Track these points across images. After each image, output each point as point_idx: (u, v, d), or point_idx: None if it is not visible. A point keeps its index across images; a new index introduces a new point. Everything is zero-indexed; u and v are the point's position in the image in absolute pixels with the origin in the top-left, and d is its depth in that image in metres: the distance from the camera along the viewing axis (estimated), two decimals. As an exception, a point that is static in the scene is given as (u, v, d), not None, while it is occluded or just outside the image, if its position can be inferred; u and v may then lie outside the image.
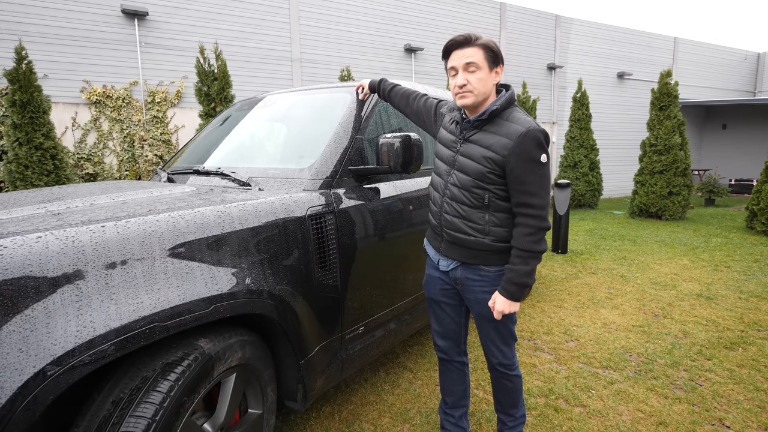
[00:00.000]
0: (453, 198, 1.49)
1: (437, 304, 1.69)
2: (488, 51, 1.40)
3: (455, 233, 1.50)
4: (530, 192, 1.37)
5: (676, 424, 1.99)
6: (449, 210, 1.51)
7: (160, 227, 1.22)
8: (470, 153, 1.46)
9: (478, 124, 1.46)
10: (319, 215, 1.67)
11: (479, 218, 1.45)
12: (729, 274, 4.46)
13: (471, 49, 1.39)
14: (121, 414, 1.05)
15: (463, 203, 1.47)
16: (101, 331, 1.01)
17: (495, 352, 1.62)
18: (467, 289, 1.56)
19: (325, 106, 2.17)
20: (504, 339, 1.60)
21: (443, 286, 1.65)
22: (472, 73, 1.39)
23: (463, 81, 1.40)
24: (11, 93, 4.89)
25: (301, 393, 1.64)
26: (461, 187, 1.47)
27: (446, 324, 1.70)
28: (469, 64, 1.39)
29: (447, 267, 1.59)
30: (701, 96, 14.08)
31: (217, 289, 1.26)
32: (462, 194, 1.47)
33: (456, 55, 1.42)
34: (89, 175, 6.52)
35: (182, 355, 1.19)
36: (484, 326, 1.59)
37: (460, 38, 1.40)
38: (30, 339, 0.94)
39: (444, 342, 1.73)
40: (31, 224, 1.15)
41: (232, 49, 7.49)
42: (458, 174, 1.48)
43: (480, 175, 1.42)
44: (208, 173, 2.00)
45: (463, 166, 1.46)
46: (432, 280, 1.68)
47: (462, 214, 1.48)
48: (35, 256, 1.01)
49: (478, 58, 1.38)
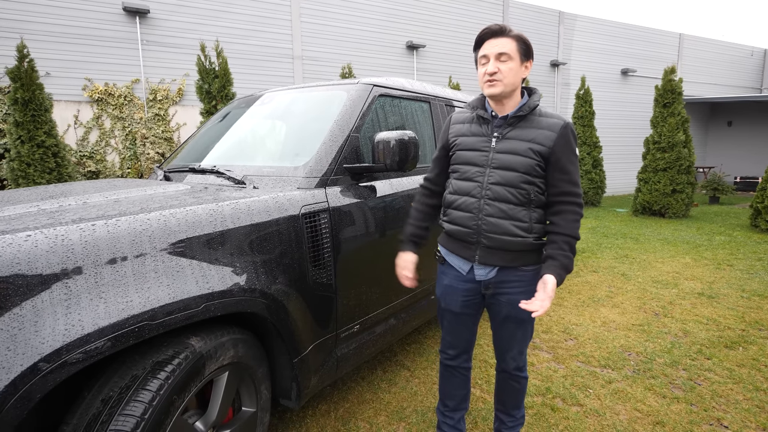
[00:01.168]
0: (496, 198, 1.43)
1: (456, 316, 1.61)
2: (521, 43, 1.40)
3: (499, 236, 1.43)
4: (573, 181, 1.42)
5: (674, 424, 1.97)
6: (492, 212, 1.43)
7: (150, 226, 1.22)
8: (513, 148, 1.42)
9: (514, 120, 1.44)
10: (313, 213, 1.66)
11: (524, 216, 1.42)
12: (732, 272, 4.43)
13: (505, 39, 1.38)
14: (111, 412, 1.05)
15: (508, 201, 1.42)
16: (90, 329, 1.01)
17: (515, 356, 1.59)
18: (501, 292, 1.50)
19: (321, 104, 2.16)
20: (526, 340, 1.58)
21: (467, 297, 1.56)
22: (503, 62, 1.38)
23: (494, 69, 1.38)
24: (13, 91, 4.92)
25: (296, 391, 1.64)
26: (506, 184, 1.42)
27: (461, 333, 1.65)
28: (501, 53, 1.38)
29: (485, 275, 1.50)
30: (707, 93, 13.96)
31: (208, 287, 1.26)
32: (507, 192, 1.42)
33: (489, 44, 1.40)
34: (91, 172, 6.55)
35: (173, 354, 1.19)
36: (510, 329, 1.54)
37: (496, 27, 1.39)
38: (18, 337, 0.94)
39: (455, 350, 1.68)
40: (22, 223, 1.15)
41: (233, 47, 7.49)
42: (500, 172, 1.43)
43: (529, 168, 1.40)
44: (204, 171, 2.00)
45: (506, 163, 1.42)
46: (454, 291, 1.58)
47: (508, 214, 1.42)
48: (24, 255, 1.01)
49: (511, 49, 1.38)
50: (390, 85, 2.28)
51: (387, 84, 2.26)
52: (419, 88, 2.54)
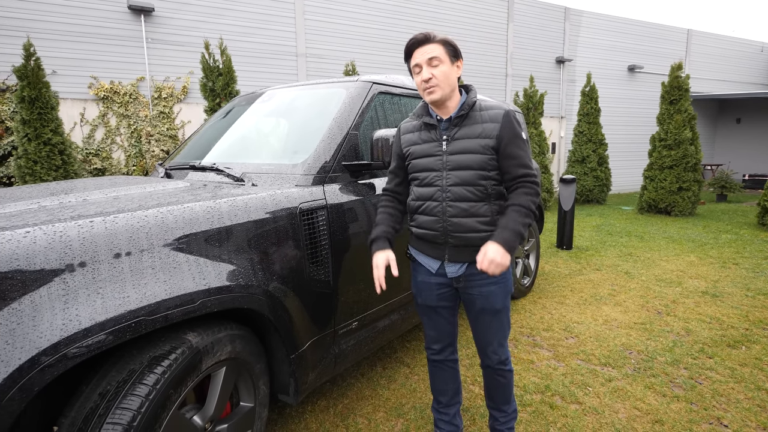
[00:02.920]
0: (456, 198, 1.48)
1: (433, 309, 1.66)
2: (448, 46, 1.47)
3: (465, 234, 1.49)
4: (523, 164, 1.47)
5: (673, 423, 1.97)
6: (454, 212, 1.49)
7: (148, 222, 1.24)
8: (463, 148, 1.47)
9: (458, 121, 1.50)
10: (311, 210, 1.67)
11: (486, 210, 1.48)
12: (737, 271, 4.39)
13: (431, 45, 1.45)
14: (108, 405, 1.07)
15: (468, 200, 1.47)
16: (87, 324, 1.03)
17: (495, 349, 1.62)
18: (471, 284, 1.55)
19: (321, 102, 2.17)
20: (504, 332, 1.61)
21: (441, 291, 1.62)
22: (435, 67, 1.45)
23: (429, 75, 1.45)
24: (20, 89, 4.97)
25: (293, 387, 1.65)
26: (464, 183, 1.47)
27: (442, 327, 1.69)
28: (431, 59, 1.44)
29: (456, 272, 1.56)
30: (715, 89, 13.79)
31: (205, 284, 1.27)
32: (466, 191, 1.47)
33: (418, 52, 1.47)
34: (97, 170, 6.61)
35: (170, 349, 1.21)
36: (485, 321, 1.58)
37: (420, 36, 1.46)
38: (16, 332, 0.96)
39: (440, 344, 1.72)
40: (22, 219, 1.17)
41: (237, 45, 7.51)
42: (456, 173, 1.48)
43: (483, 164, 1.46)
44: (204, 169, 2.02)
45: (460, 163, 1.47)
46: (427, 287, 1.63)
47: (470, 212, 1.47)
48: (23, 251, 1.03)
49: (439, 53, 1.45)
50: (389, 82, 2.28)
51: (386, 81, 2.26)
52: None
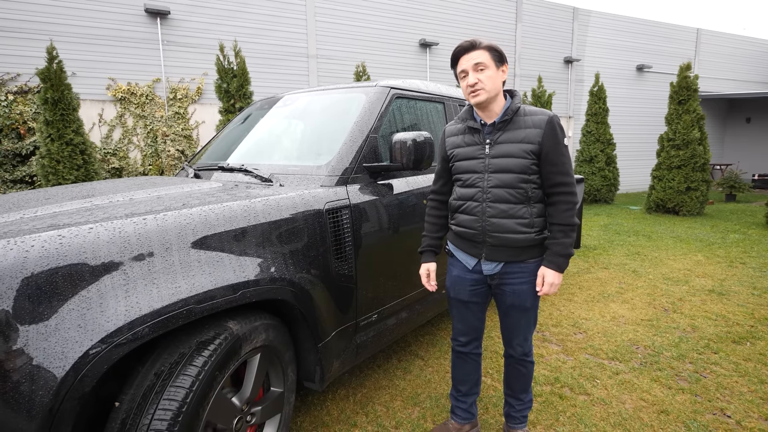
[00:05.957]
0: (496, 200, 1.56)
1: (465, 304, 1.74)
2: (493, 52, 1.54)
3: (503, 235, 1.56)
4: (564, 172, 1.53)
5: (678, 413, 2.06)
6: (494, 213, 1.56)
7: (193, 220, 1.36)
8: (506, 152, 1.55)
9: (501, 125, 1.57)
10: (335, 209, 1.79)
11: (525, 213, 1.55)
12: (744, 270, 4.45)
13: (477, 51, 1.53)
14: (163, 384, 1.19)
15: (508, 201, 1.55)
16: (146, 311, 1.15)
17: (521, 342, 1.71)
18: (505, 282, 1.63)
19: (341, 106, 2.28)
20: (530, 327, 1.70)
21: (474, 287, 1.70)
22: (481, 72, 1.52)
23: (475, 80, 1.52)
24: (43, 91, 5.14)
25: (319, 374, 1.77)
26: (504, 186, 1.55)
27: (471, 321, 1.77)
28: (477, 64, 1.52)
29: (492, 270, 1.64)
30: (725, 88, 13.72)
31: (243, 276, 1.39)
32: (506, 193, 1.55)
33: (464, 59, 1.55)
34: (115, 169, 6.79)
35: (214, 335, 1.33)
36: (515, 317, 1.67)
37: (466, 44, 1.54)
38: (87, 316, 1.09)
39: (466, 338, 1.80)
40: (82, 217, 1.30)
41: (250, 46, 7.65)
42: (497, 175, 1.56)
43: (524, 168, 1.53)
44: (232, 170, 2.14)
45: (502, 166, 1.55)
46: (461, 281, 1.71)
47: (509, 213, 1.55)
48: (89, 245, 1.15)
49: (485, 59, 1.52)
50: (406, 87, 2.39)
51: (403, 86, 2.37)
52: (434, 90, 2.64)
